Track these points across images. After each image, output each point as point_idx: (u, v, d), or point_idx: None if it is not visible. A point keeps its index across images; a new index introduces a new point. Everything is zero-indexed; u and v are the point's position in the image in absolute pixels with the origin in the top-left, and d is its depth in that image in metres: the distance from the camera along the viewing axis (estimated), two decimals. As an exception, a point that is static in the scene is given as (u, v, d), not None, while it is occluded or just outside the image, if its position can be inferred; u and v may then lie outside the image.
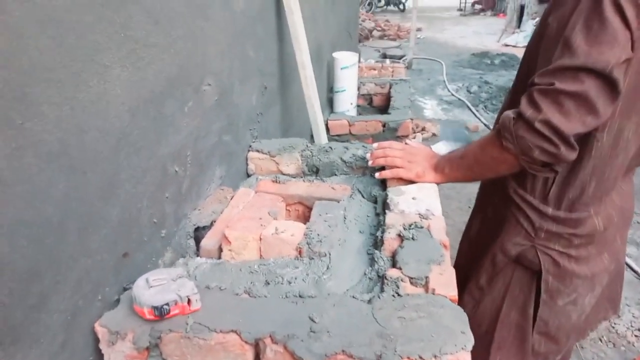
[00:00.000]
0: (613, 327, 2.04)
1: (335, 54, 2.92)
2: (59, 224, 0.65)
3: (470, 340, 0.65)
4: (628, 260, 2.46)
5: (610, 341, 1.97)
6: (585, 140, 0.85)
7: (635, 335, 1.98)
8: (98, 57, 0.71)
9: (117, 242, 0.79)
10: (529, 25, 8.75)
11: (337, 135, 2.77)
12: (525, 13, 9.30)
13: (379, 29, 9.27)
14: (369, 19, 9.82)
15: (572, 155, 0.80)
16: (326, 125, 2.59)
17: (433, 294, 0.76)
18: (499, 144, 0.87)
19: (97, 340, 0.71)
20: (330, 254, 0.93)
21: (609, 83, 0.74)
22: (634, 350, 1.92)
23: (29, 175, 0.59)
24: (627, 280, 2.34)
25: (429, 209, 1.02)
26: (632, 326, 2.03)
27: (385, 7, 12.78)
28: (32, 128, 0.59)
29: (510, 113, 0.84)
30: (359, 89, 3.21)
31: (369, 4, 12.19)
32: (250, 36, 1.42)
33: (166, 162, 0.94)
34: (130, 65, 0.80)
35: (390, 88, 3.27)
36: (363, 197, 1.21)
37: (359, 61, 3.77)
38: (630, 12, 0.71)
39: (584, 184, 0.90)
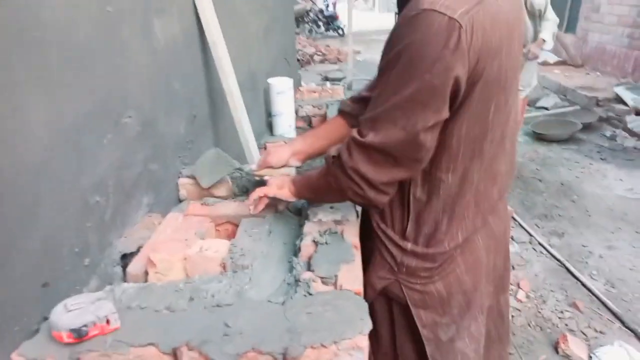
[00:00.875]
0: (540, 312, 2.22)
1: (270, 80, 3.02)
2: (-31, 258, 0.67)
3: (367, 325, 0.73)
4: (550, 248, 2.69)
5: (537, 325, 2.14)
6: (431, 180, 0.89)
7: (559, 317, 2.17)
8: (12, 96, 0.75)
9: (37, 272, 0.81)
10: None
11: (278, 158, 2.85)
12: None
13: (320, 53, 9.59)
14: (310, 45, 10.13)
15: (383, 199, 0.86)
16: (266, 148, 2.66)
17: (341, 289, 0.84)
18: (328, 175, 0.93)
19: (15, 370, 0.73)
20: (252, 266, 0.99)
21: (414, 144, 0.78)
22: (558, 331, 2.09)
23: None
24: (551, 268, 2.56)
25: (345, 215, 1.11)
26: (556, 309, 2.22)
27: (325, 32, 13.24)
28: None
29: (333, 150, 0.90)
30: (297, 111, 3.33)
31: (309, 31, 12.59)
32: (174, 69, 1.48)
33: (86, 192, 0.97)
34: (46, 103, 0.84)
35: (327, 109, 3.41)
36: (290, 211, 1.29)
37: (300, 85, 3.91)
38: (460, 69, 0.72)
39: (437, 220, 0.92)
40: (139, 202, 1.20)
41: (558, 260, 2.60)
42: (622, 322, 2.11)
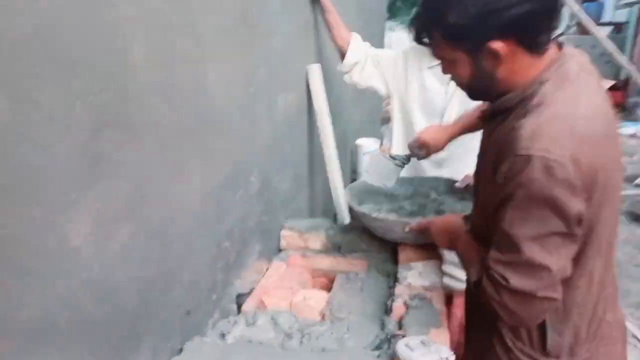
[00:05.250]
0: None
1: (358, 141, 3.25)
2: (152, 284, 0.89)
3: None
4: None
5: None
6: (566, 290, 0.84)
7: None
8: (186, 165, 1.00)
9: (184, 301, 1.02)
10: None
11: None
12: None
13: (401, 111, 9.87)
14: (391, 103, 10.44)
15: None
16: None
17: (430, 352, 0.95)
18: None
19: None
20: (348, 318, 1.13)
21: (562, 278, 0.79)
22: None
23: (138, 249, 0.85)
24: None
25: (432, 282, 1.22)
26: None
27: (407, 91, 13.57)
28: (145, 217, 0.86)
29: (472, 275, 0.90)
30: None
31: (391, 89, 12.99)
32: (287, 135, 1.74)
33: (221, 238, 1.19)
34: (204, 166, 1.08)
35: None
36: (377, 272, 1.42)
37: (382, 143, 4.11)
38: (579, 205, 0.75)
39: (577, 329, 0.91)
40: (252, 249, 1.41)
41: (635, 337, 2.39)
42: None
